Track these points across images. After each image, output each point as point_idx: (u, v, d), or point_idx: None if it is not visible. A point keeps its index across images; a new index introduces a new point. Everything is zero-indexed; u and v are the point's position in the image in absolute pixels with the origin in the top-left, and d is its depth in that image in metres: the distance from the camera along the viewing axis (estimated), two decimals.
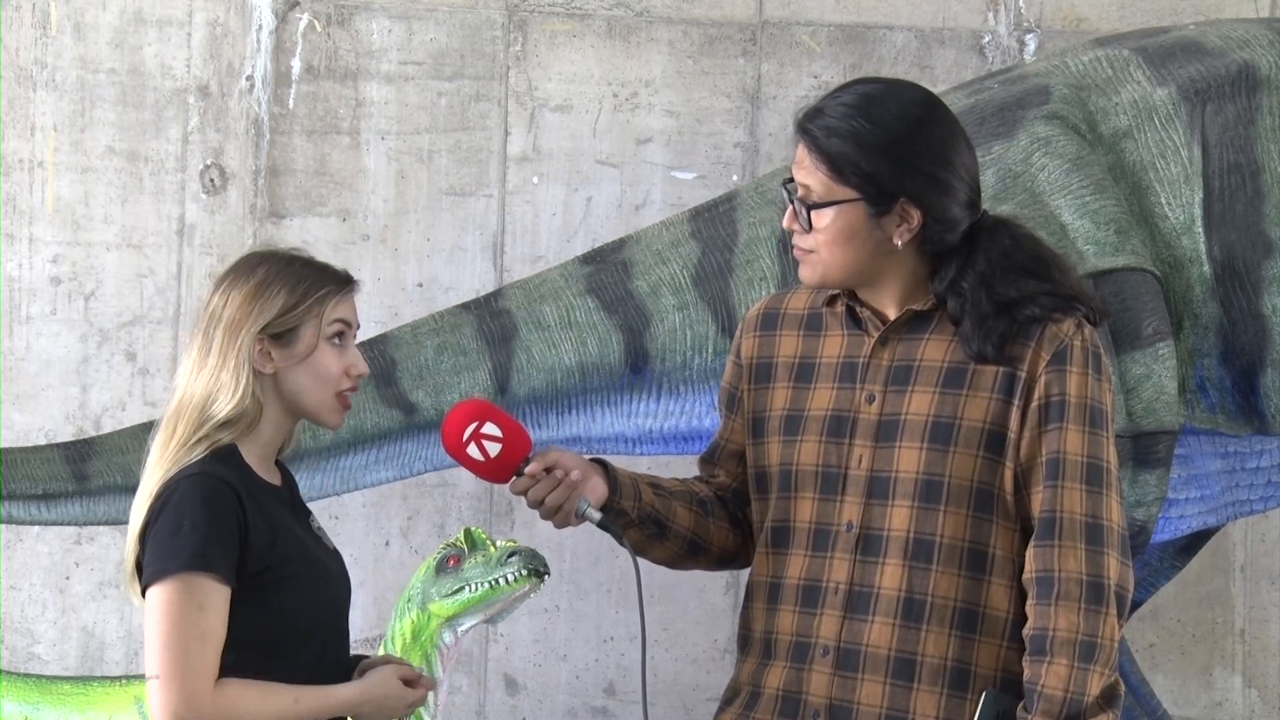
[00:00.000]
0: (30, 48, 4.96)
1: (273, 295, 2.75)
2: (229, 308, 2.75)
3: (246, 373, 2.73)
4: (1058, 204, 3.77)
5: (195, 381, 2.74)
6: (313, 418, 2.81)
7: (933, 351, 2.75)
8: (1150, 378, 3.69)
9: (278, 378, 2.76)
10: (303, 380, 2.77)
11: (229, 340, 2.73)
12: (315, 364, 2.77)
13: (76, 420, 4.93)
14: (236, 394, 2.72)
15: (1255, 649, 5.01)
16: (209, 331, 2.75)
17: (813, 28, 4.98)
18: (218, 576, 2.64)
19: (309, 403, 2.78)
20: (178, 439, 2.73)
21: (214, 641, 2.64)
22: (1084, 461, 2.68)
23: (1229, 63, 3.85)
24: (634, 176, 4.95)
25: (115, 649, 4.95)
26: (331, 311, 2.78)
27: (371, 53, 4.97)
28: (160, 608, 2.64)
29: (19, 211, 4.95)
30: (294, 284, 2.76)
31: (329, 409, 2.80)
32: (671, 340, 3.99)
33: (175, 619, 2.63)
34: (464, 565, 3.79)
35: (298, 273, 2.78)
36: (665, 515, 2.88)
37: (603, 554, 4.86)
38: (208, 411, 2.72)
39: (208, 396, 2.73)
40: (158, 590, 2.65)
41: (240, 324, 2.73)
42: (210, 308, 2.77)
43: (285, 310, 2.75)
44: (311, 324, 2.76)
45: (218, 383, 2.73)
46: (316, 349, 2.76)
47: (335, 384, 2.79)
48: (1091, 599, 2.65)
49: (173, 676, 2.62)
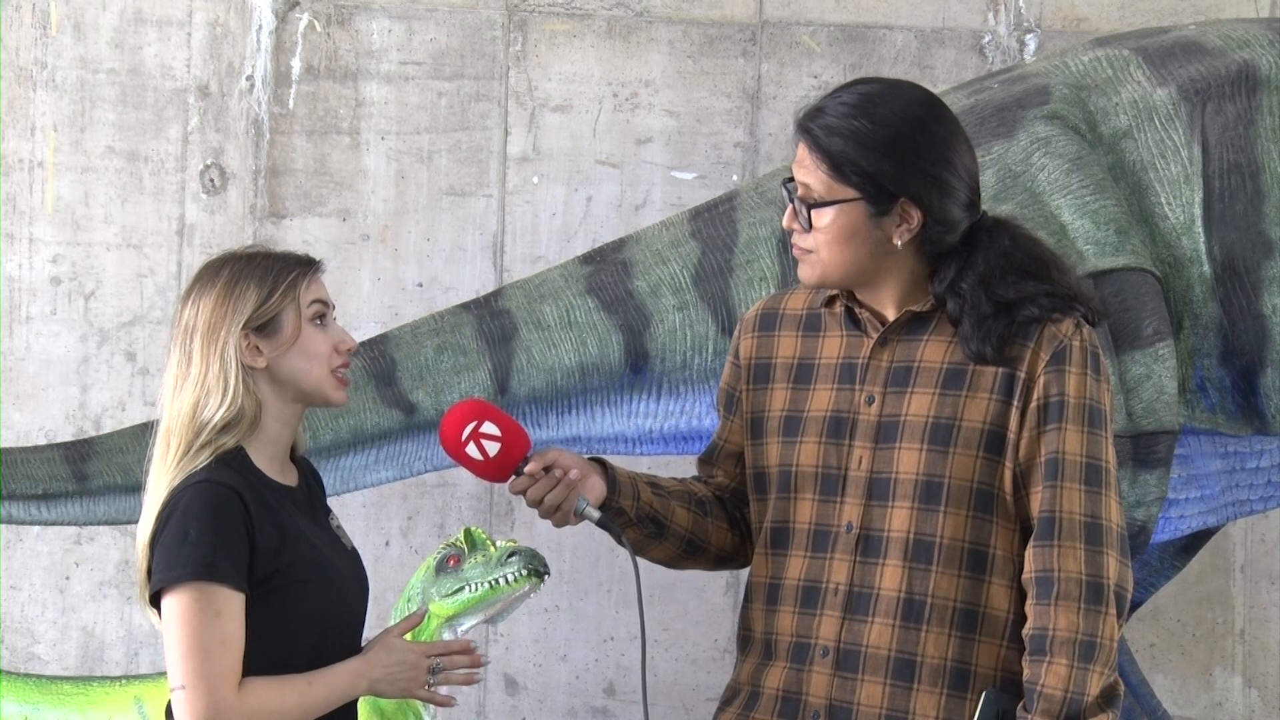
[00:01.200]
0: (30, 48, 4.96)
1: (243, 291, 2.75)
2: (202, 315, 2.74)
3: (235, 372, 2.72)
4: (1058, 204, 3.77)
5: (180, 396, 2.74)
6: (314, 398, 2.80)
7: (932, 352, 2.75)
8: (1150, 378, 3.69)
9: (271, 369, 2.75)
10: (296, 363, 2.76)
11: (208, 345, 2.73)
12: (304, 346, 2.77)
13: (76, 420, 4.93)
14: (228, 395, 2.71)
15: (1255, 649, 5.01)
16: (185, 344, 2.75)
17: (813, 28, 4.98)
18: (229, 583, 2.64)
19: (308, 384, 2.78)
20: (175, 452, 2.72)
21: (235, 647, 2.64)
22: (1083, 461, 2.68)
23: (1229, 63, 3.85)
24: (634, 176, 4.95)
25: (115, 649, 4.96)
26: (306, 293, 2.78)
27: (371, 53, 4.97)
28: (178, 618, 2.64)
29: (19, 211, 4.95)
30: (262, 275, 2.76)
31: (330, 385, 2.79)
32: (671, 340, 3.99)
33: (195, 628, 2.63)
34: (464, 565, 3.79)
35: (262, 264, 2.78)
36: (664, 515, 2.88)
37: (603, 554, 4.86)
38: (200, 419, 2.71)
39: (196, 404, 2.72)
40: (173, 601, 2.65)
41: (218, 327, 2.73)
42: (183, 322, 2.76)
43: (261, 301, 2.74)
44: (290, 309, 2.76)
45: (204, 389, 2.72)
46: (301, 332, 2.76)
47: (328, 361, 2.78)
48: (1091, 599, 2.65)
49: (199, 685, 2.62)
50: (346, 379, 2.82)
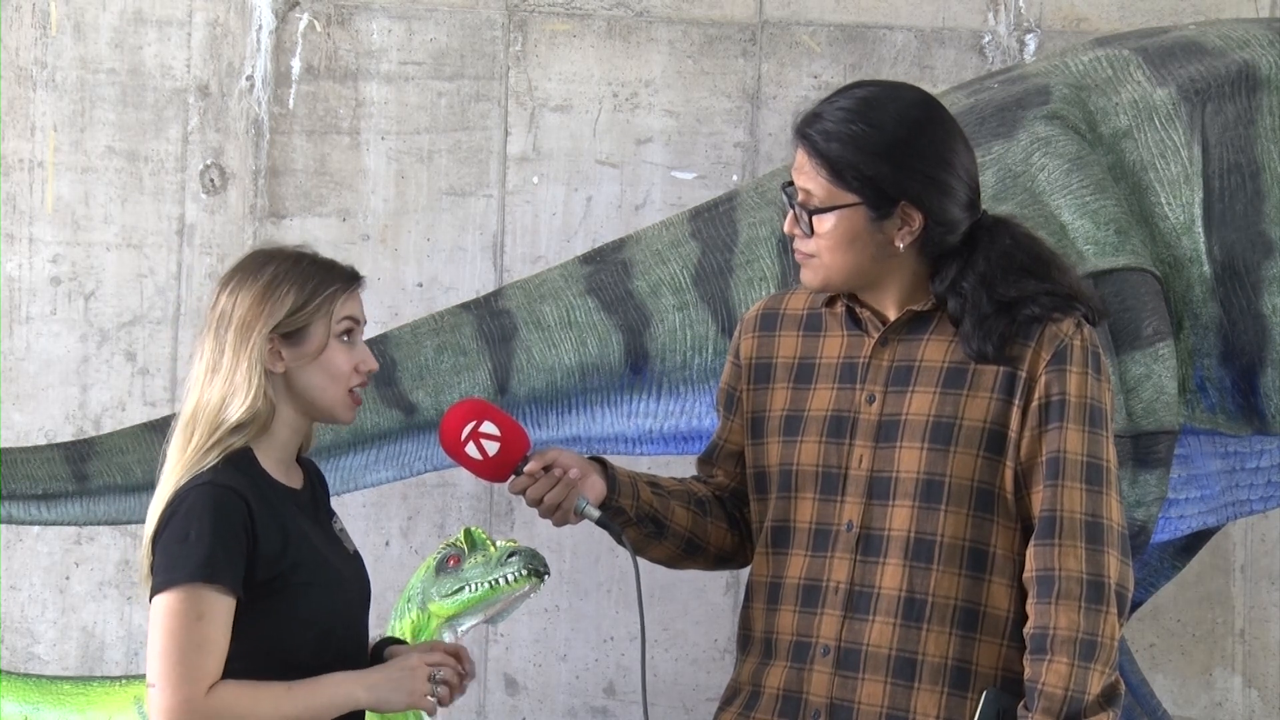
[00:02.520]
0: (30, 48, 4.96)
1: (282, 294, 2.72)
2: (239, 308, 2.72)
3: (258, 374, 2.70)
4: (1058, 204, 3.77)
5: (211, 386, 2.71)
6: (326, 415, 2.79)
7: (933, 352, 2.75)
8: (1150, 378, 3.69)
9: (289, 377, 2.74)
10: (315, 379, 2.75)
11: (240, 341, 2.70)
12: (326, 362, 2.74)
13: (76, 420, 4.92)
14: (249, 396, 2.70)
15: (1255, 649, 5.01)
16: (219, 333, 2.72)
17: (813, 28, 4.98)
18: (222, 587, 2.63)
19: (322, 401, 2.76)
20: (194, 445, 2.70)
21: (212, 650, 2.63)
22: (1084, 460, 2.68)
23: (1229, 63, 3.85)
24: (634, 176, 4.95)
25: (115, 649, 4.95)
26: (341, 309, 2.76)
27: (371, 53, 4.97)
28: (161, 618, 2.64)
29: (19, 211, 4.95)
30: (303, 282, 2.73)
31: (342, 406, 2.78)
32: (671, 340, 3.99)
33: (173, 629, 2.62)
34: (464, 565, 3.79)
35: (305, 270, 2.75)
36: (663, 514, 2.88)
37: (603, 554, 4.86)
38: (222, 415, 2.70)
39: (223, 400, 2.70)
40: (161, 600, 2.64)
41: (251, 324, 2.71)
42: (219, 309, 2.73)
43: (295, 309, 2.72)
44: (321, 322, 2.74)
45: (232, 386, 2.70)
46: (327, 347, 2.74)
47: (346, 381, 2.77)
48: (1092, 598, 2.65)
49: (168, 683, 2.62)
50: (360, 400, 2.81)
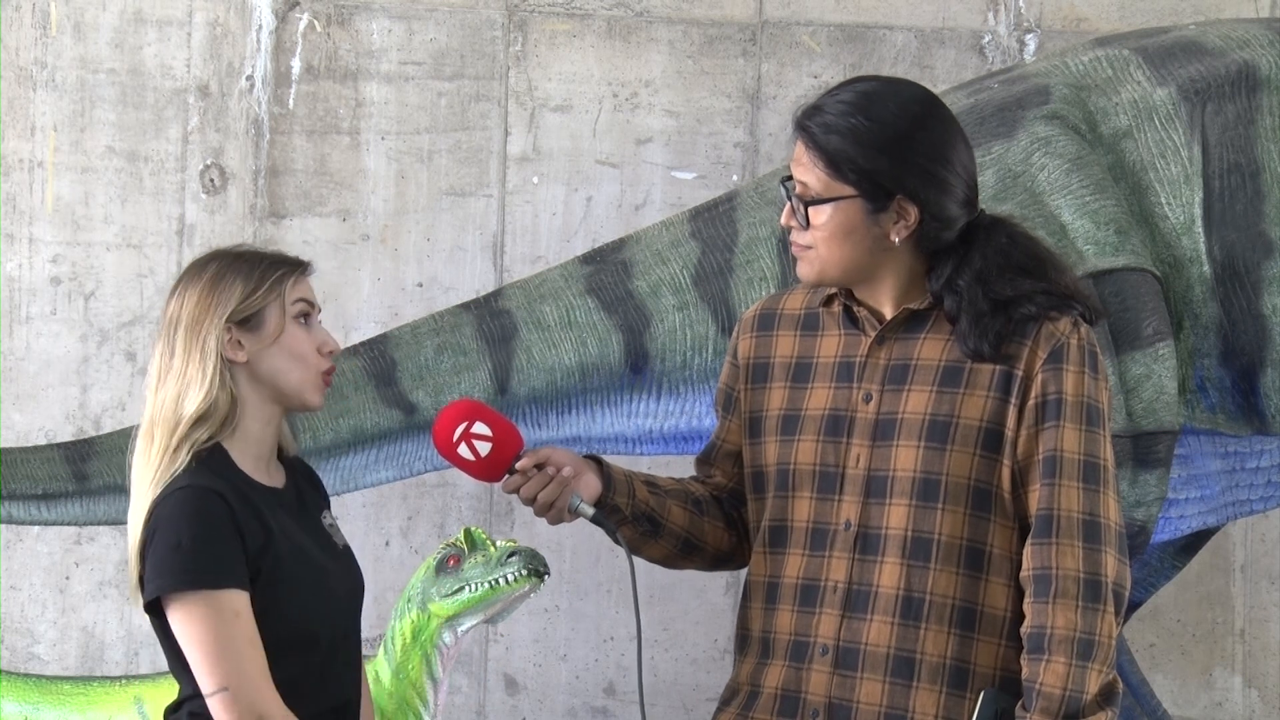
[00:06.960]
0: (30, 48, 4.96)
1: (229, 285, 2.75)
2: (186, 308, 2.75)
3: (214, 363, 2.71)
4: (1058, 204, 3.77)
5: (164, 387, 2.74)
6: (294, 399, 2.79)
7: (929, 350, 2.75)
8: (1150, 378, 3.69)
9: (252, 365, 2.75)
10: (278, 362, 2.76)
11: (191, 338, 2.73)
12: (287, 344, 2.76)
13: (76, 420, 4.93)
14: (204, 385, 2.71)
15: (1255, 649, 5.01)
16: (169, 336, 2.75)
17: (813, 28, 4.97)
18: (236, 584, 2.64)
19: (288, 384, 2.77)
20: (158, 448, 2.71)
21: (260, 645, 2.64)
22: (1081, 459, 2.68)
23: (1229, 63, 3.85)
24: (634, 176, 4.95)
25: (115, 649, 4.96)
26: (291, 291, 2.78)
27: (371, 53, 4.97)
28: (198, 624, 2.63)
29: (19, 211, 4.95)
30: (248, 271, 2.77)
31: (310, 387, 2.78)
32: (671, 340, 3.99)
33: (219, 631, 2.62)
34: (464, 565, 3.79)
35: (249, 260, 2.79)
36: (659, 513, 2.88)
37: (602, 554, 4.86)
38: (179, 411, 2.71)
39: (178, 396, 2.72)
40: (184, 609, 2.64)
41: (201, 320, 2.73)
42: (168, 314, 2.77)
43: (246, 295, 2.75)
44: (275, 305, 2.76)
45: (184, 380, 2.72)
46: (285, 330, 2.76)
47: (311, 362, 2.78)
48: (1089, 597, 2.65)
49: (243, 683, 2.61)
50: (330, 381, 2.82)
